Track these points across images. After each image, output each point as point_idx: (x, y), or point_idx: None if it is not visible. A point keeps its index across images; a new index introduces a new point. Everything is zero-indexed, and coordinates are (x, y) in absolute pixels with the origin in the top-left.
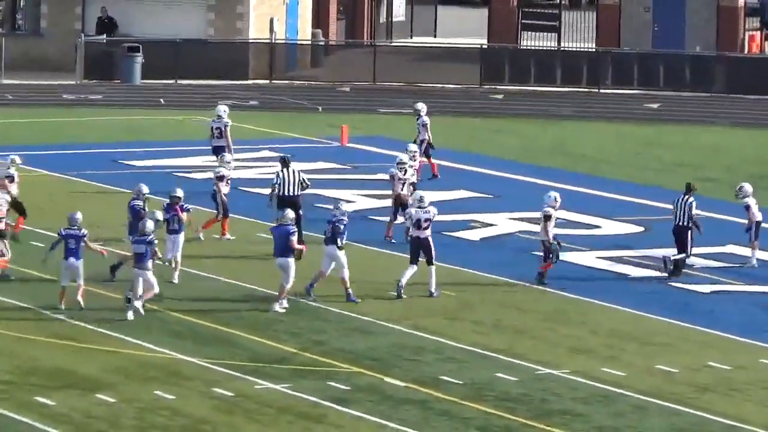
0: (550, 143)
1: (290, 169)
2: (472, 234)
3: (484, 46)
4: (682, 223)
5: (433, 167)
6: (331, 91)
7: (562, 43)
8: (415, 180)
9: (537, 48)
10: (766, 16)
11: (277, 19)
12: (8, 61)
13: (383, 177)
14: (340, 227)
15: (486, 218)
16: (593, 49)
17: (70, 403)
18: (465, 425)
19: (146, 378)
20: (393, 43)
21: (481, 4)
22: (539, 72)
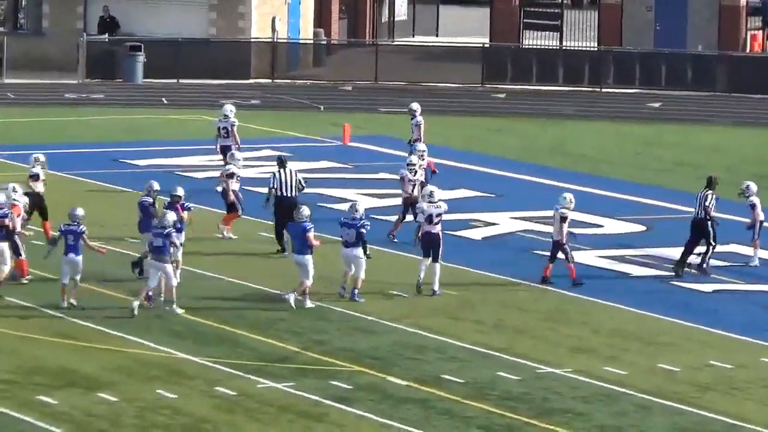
0: (552, 142)
1: (287, 170)
2: (474, 233)
3: (486, 46)
4: (701, 216)
5: (431, 165)
6: (333, 91)
7: (564, 43)
8: (422, 179)
9: (539, 47)
10: (767, 15)
11: (279, 19)
12: (10, 61)
13: (385, 176)
14: (364, 232)
15: (488, 217)
16: (595, 49)
17: (72, 402)
18: (466, 424)
19: (148, 377)
20: (395, 43)
21: (483, 3)
22: (541, 71)
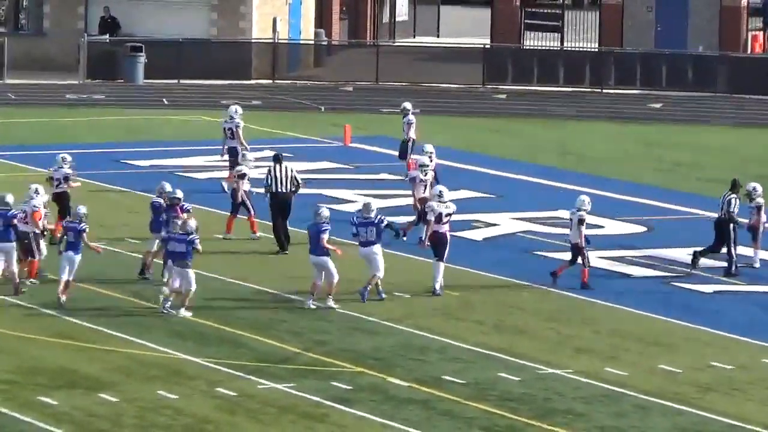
0: (553, 143)
1: (282, 166)
2: (475, 234)
3: (487, 46)
4: (723, 218)
5: (409, 166)
6: (333, 91)
7: (565, 43)
8: (431, 179)
9: (540, 48)
10: None
11: (280, 19)
12: (11, 61)
13: (386, 177)
14: (383, 225)
15: (488, 218)
16: (596, 49)
17: (73, 403)
18: (468, 425)
19: (148, 377)
20: (396, 43)
21: (484, 3)
22: (542, 72)
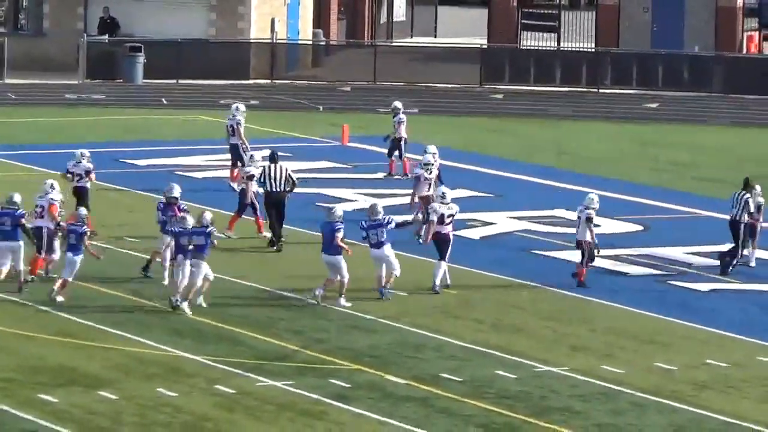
0: (550, 143)
1: (277, 165)
2: (472, 233)
3: (484, 47)
4: (738, 218)
5: (391, 165)
6: (331, 91)
7: (562, 43)
8: (434, 178)
9: (537, 48)
10: (764, 16)
11: (278, 20)
12: (11, 61)
13: (384, 176)
14: (392, 226)
15: (486, 217)
16: (592, 49)
17: (73, 400)
18: (465, 422)
19: (148, 375)
20: (393, 43)
21: (481, 4)
22: (539, 72)
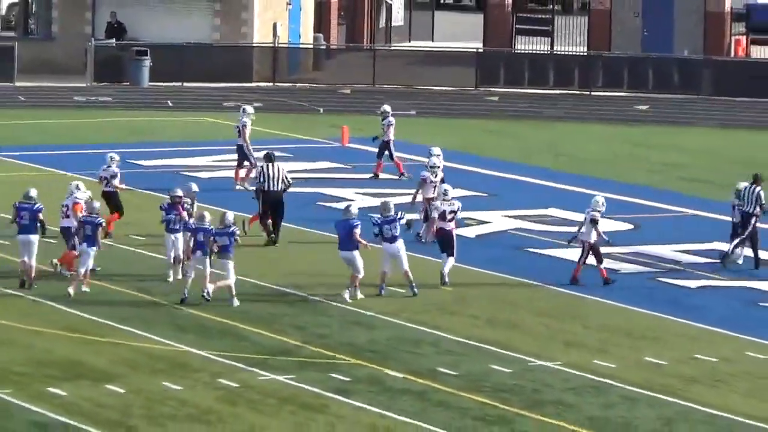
0: (544, 144)
1: (274, 165)
2: (468, 231)
3: (480, 50)
4: (751, 211)
5: (378, 167)
6: (332, 93)
7: (555, 47)
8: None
9: (531, 52)
10: (751, 21)
11: (281, 24)
12: (21, 65)
13: (383, 176)
14: (402, 223)
15: (481, 216)
16: (585, 53)
17: (81, 394)
18: (461, 415)
19: (154, 369)
20: (392, 47)
21: (477, 9)
22: (533, 75)
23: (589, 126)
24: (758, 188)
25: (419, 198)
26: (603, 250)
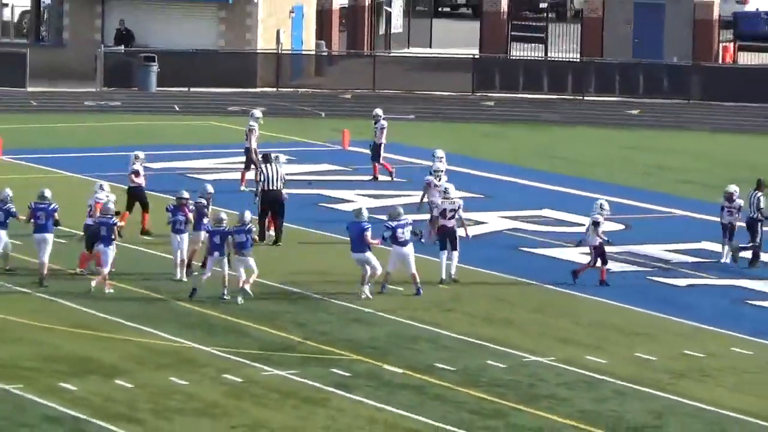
0: (538, 147)
1: (273, 166)
2: (464, 231)
3: (476, 56)
4: (754, 216)
5: (375, 169)
6: (333, 98)
7: (549, 54)
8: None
9: (525, 58)
10: (738, 28)
11: (284, 31)
12: (33, 70)
13: (382, 178)
14: (411, 228)
15: (477, 216)
16: (578, 59)
17: (91, 388)
18: (458, 409)
19: (161, 365)
20: (391, 54)
21: (474, 17)
22: (528, 80)
23: (582, 130)
24: (759, 194)
25: (425, 199)
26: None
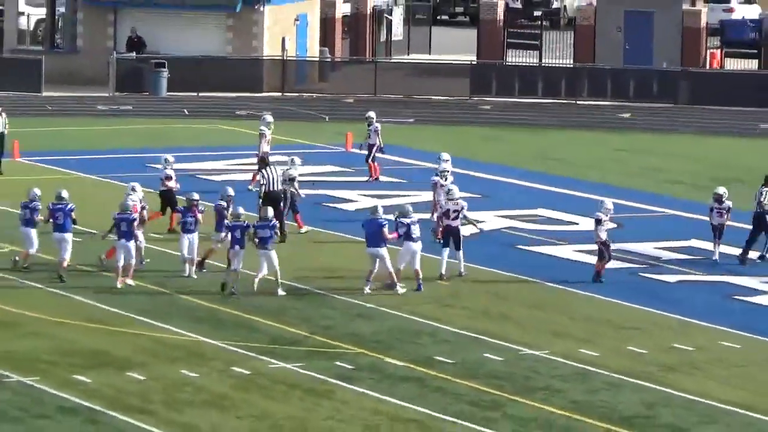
0: (533, 149)
1: (272, 167)
2: (463, 230)
3: (474, 62)
4: (760, 211)
5: (376, 170)
6: (336, 103)
7: (544, 60)
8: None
9: (521, 64)
10: (725, 35)
11: (289, 38)
12: (48, 76)
13: (384, 179)
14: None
15: (475, 216)
16: (571, 65)
17: (105, 381)
18: (457, 400)
19: (172, 358)
20: (392, 60)
21: (471, 24)
22: (523, 85)
23: (575, 132)
24: (766, 189)
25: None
26: (587, 247)
